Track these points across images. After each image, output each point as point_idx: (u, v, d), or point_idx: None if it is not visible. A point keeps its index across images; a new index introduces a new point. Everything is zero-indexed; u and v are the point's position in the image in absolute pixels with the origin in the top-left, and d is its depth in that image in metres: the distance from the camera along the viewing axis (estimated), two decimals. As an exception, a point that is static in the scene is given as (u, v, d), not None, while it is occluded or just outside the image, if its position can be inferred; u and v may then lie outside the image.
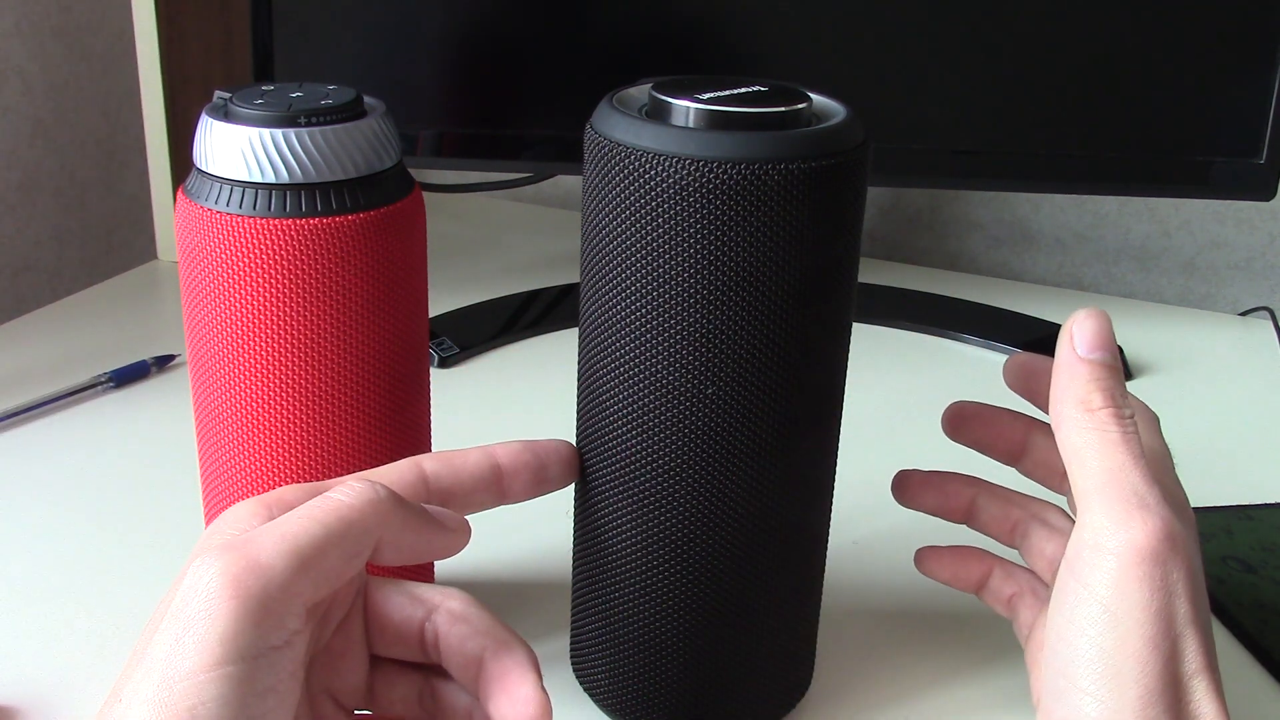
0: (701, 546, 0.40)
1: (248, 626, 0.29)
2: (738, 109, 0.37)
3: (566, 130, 0.67)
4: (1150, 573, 0.34)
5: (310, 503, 0.33)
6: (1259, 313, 0.88)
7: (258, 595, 0.30)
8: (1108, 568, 0.35)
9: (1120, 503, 0.35)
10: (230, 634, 0.29)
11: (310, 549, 0.31)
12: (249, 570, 0.30)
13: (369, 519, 0.33)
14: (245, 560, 0.30)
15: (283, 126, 0.40)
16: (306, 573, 0.31)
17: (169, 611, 0.30)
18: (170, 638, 0.29)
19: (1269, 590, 0.54)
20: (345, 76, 0.70)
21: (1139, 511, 0.35)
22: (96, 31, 0.90)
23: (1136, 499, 0.35)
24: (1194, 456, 0.68)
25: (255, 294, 0.40)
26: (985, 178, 0.78)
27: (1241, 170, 0.75)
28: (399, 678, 0.36)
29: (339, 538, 0.32)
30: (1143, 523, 0.35)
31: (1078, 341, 0.38)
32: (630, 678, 0.43)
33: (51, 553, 0.54)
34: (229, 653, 0.29)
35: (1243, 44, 0.73)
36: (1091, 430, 0.37)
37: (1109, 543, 0.35)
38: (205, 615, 0.29)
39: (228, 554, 0.30)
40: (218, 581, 0.30)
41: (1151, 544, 0.34)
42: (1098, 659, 0.34)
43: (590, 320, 0.40)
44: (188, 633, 0.29)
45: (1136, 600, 0.34)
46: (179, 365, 0.72)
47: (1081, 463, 0.37)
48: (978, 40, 0.73)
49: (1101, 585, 0.35)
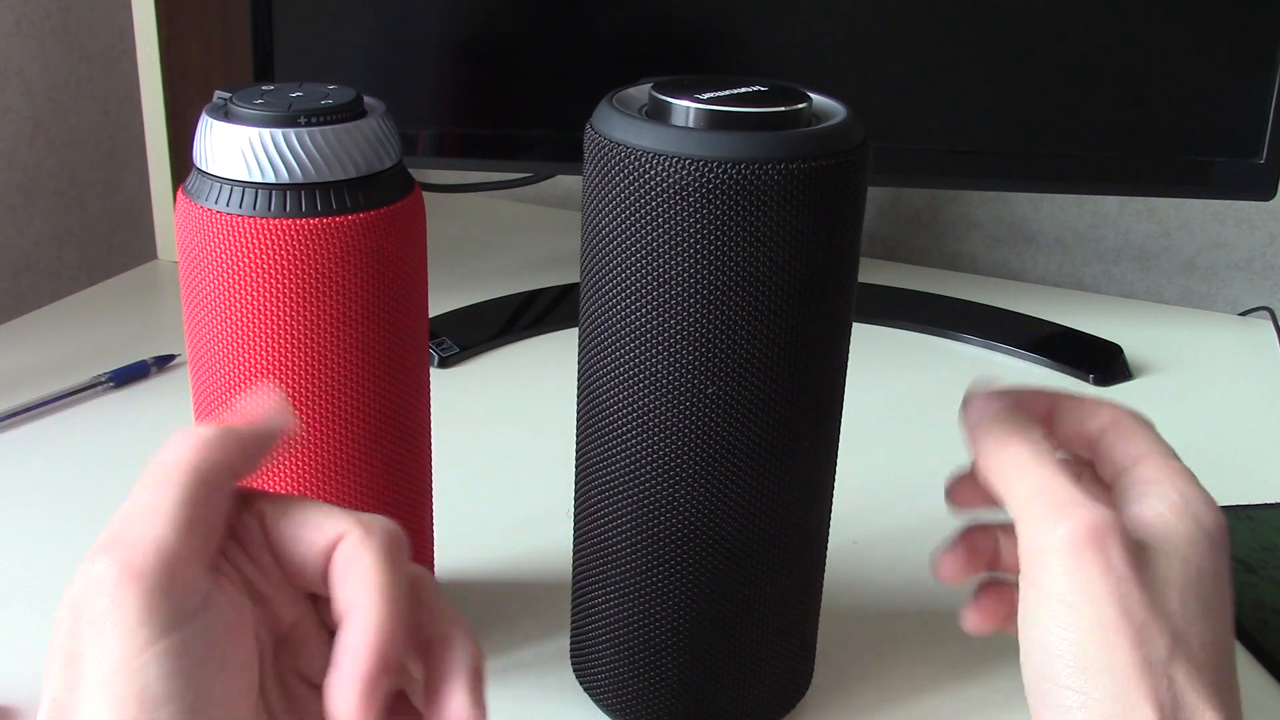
0: (701, 546, 0.40)
1: (157, 602, 0.30)
2: (738, 109, 0.37)
3: (566, 130, 0.67)
4: (1092, 559, 0.35)
5: (145, 476, 0.33)
6: (1259, 313, 0.88)
7: (154, 571, 0.30)
8: (1052, 565, 0.36)
9: (1049, 506, 0.37)
10: (144, 615, 0.29)
11: (180, 510, 0.31)
12: (135, 551, 0.30)
13: (209, 457, 0.33)
14: (129, 544, 0.31)
15: (283, 126, 0.40)
16: (189, 530, 0.31)
17: (80, 615, 0.30)
18: (92, 637, 0.30)
19: (1269, 590, 0.54)
20: (345, 76, 0.70)
21: (1068, 508, 0.36)
22: (96, 31, 0.90)
23: (1064, 499, 0.37)
24: (1194, 456, 0.68)
25: (255, 294, 0.40)
26: (985, 178, 0.78)
27: (1241, 170, 0.75)
28: None
29: (194, 491, 0.32)
30: (1072, 517, 0.36)
31: (977, 405, 0.41)
32: (630, 678, 0.43)
33: (51, 553, 0.54)
34: (151, 632, 0.29)
35: (1243, 44, 0.73)
36: (1011, 461, 0.39)
37: (1048, 543, 0.36)
38: (114, 606, 0.30)
39: (107, 549, 0.31)
40: (111, 573, 0.30)
41: (1085, 533, 0.36)
42: (1067, 652, 0.35)
43: (590, 320, 0.40)
44: (107, 627, 0.30)
45: (1086, 587, 0.35)
46: (179, 365, 0.72)
47: (1010, 490, 0.38)
48: (978, 40, 0.73)
49: (1051, 583, 0.36)
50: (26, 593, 0.51)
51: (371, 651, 0.30)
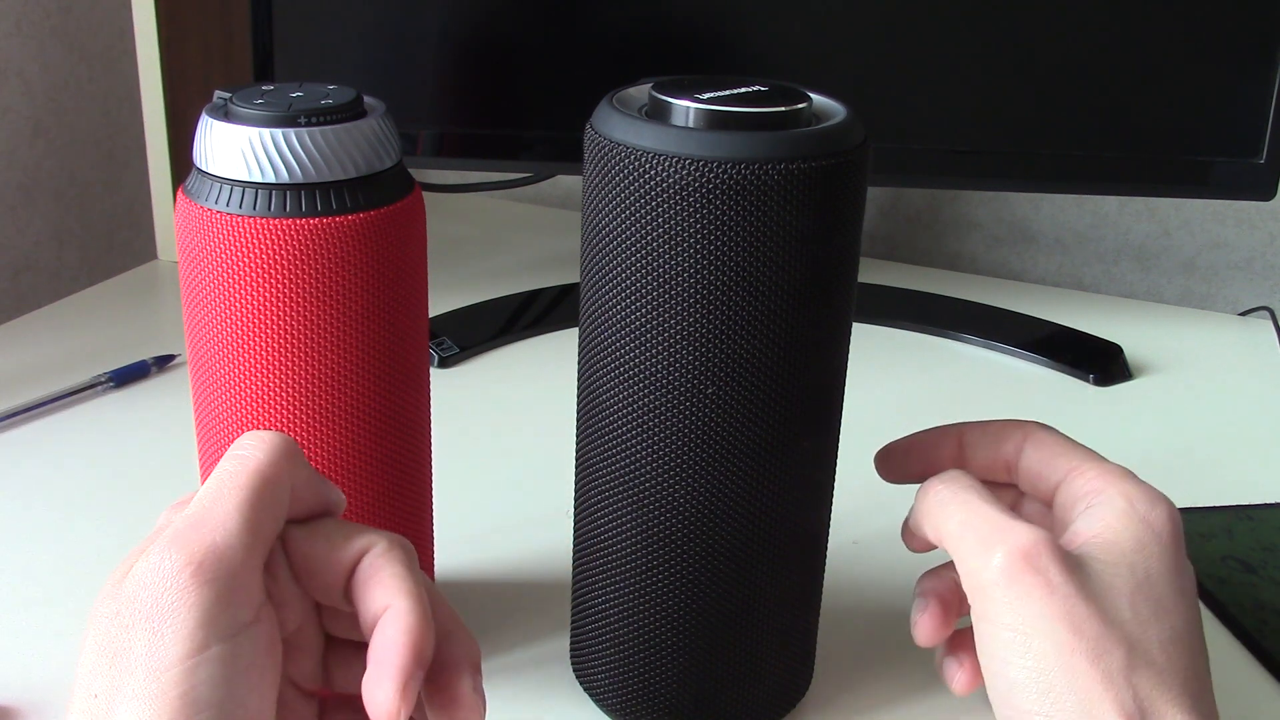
0: (701, 546, 0.40)
1: (222, 608, 0.30)
2: (738, 109, 0.37)
3: (566, 130, 0.67)
4: (1031, 583, 0.36)
5: (224, 470, 0.33)
6: (1259, 313, 0.88)
7: (225, 577, 0.30)
8: (995, 596, 0.36)
9: (979, 539, 0.37)
10: (207, 618, 0.30)
11: (251, 515, 0.32)
12: (211, 554, 0.30)
13: (282, 466, 0.33)
14: (201, 544, 0.31)
15: (283, 126, 0.40)
16: (258, 539, 0.32)
17: (137, 608, 0.30)
18: (146, 632, 0.30)
19: (1269, 590, 0.54)
20: (345, 76, 0.70)
21: (996, 535, 0.37)
22: (96, 31, 0.90)
23: (990, 528, 0.37)
24: (1194, 456, 0.68)
25: (255, 294, 0.40)
26: (985, 178, 0.78)
27: (1241, 170, 0.75)
28: (354, 658, 0.36)
29: (266, 495, 0.32)
30: (1003, 543, 0.36)
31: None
32: (630, 678, 0.43)
33: (51, 553, 0.54)
34: (209, 636, 0.30)
35: (1243, 44, 0.73)
36: (933, 504, 0.40)
37: (985, 575, 0.36)
38: (180, 605, 0.30)
39: (177, 546, 0.31)
40: (186, 571, 0.30)
41: (1018, 558, 0.36)
42: (1028, 680, 0.35)
43: (590, 320, 0.40)
44: (166, 624, 0.30)
45: (1032, 613, 0.35)
46: (179, 365, 0.72)
47: (939, 532, 0.39)
48: (978, 40, 0.73)
49: (998, 615, 0.36)
50: (27, 593, 0.51)
51: (408, 649, 0.31)
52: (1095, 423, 0.71)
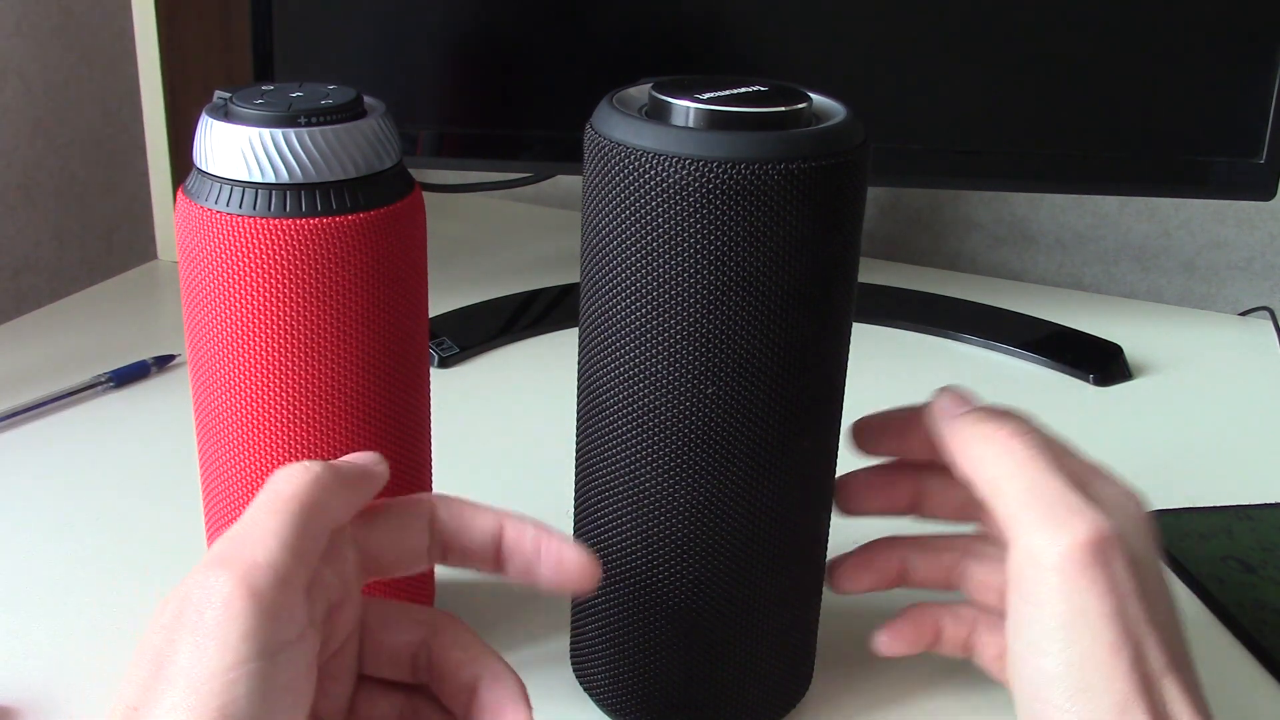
0: (701, 546, 0.40)
1: (265, 622, 0.31)
2: (737, 109, 0.37)
3: (566, 130, 0.67)
4: (1095, 578, 0.34)
5: (261, 501, 0.34)
6: (1259, 313, 0.88)
7: (268, 592, 0.31)
8: (1051, 583, 0.35)
9: (1047, 515, 0.35)
10: (250, 631, 0.30)
11: (293, 538, 0.33)
12: (254, 570, 0.31)
13: (319, 495, 0.34)
14: (248, 563, 0.32)
15: (283, 126, 0.40)
16: (299, 561, 0.33)
17: (181, 624, 0.31)
18: (190, 646, 0.31)
19: (1269, 590, 0.54)
20: (345, 76, 0.70)
21: (1067, 519, 0.35)
22: (96, 31, 0.90)
23: (1062, 507, 0.35)
24: (1194, 456, 0.68)
25: (255, 294, 0.40)
26: (985, 178, 0.78)
27: (1241, 170, 0.75)
28: (381, 697, 0.37)
29: (305, 521, 0.33)
30: (1073, 530, 0.35)
31: (947, 402, 0.40)
32: (630, 678, 0.43)
33: (51, 553, 0.54)
34: (251, 650, 0.30)
35: (1243, 44, 0.73)
36: (999, 455, 0.37)
37: (1046, 558, 0.35)
38: (224, 618, 0.31)
39: (229, 561, 0.32)
40: (230, 586, 0.31)
41: (1088, 548, 0.34)
42: (1065, 675, 0.34)
43: (590, 320, 0.40)
44: (209, 638, 0.30)
45: (1087, 608, 0.34)
46: (179, 365, 0.72)
47: (998, 489, 0.37)
48: (978, 40, 0.73)
49: (1050, 601, 0.35)
50: (27, 593, 0.51)
51: (527, 702, 0.35)
52: (1095, 423, 0.71)
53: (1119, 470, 0.41)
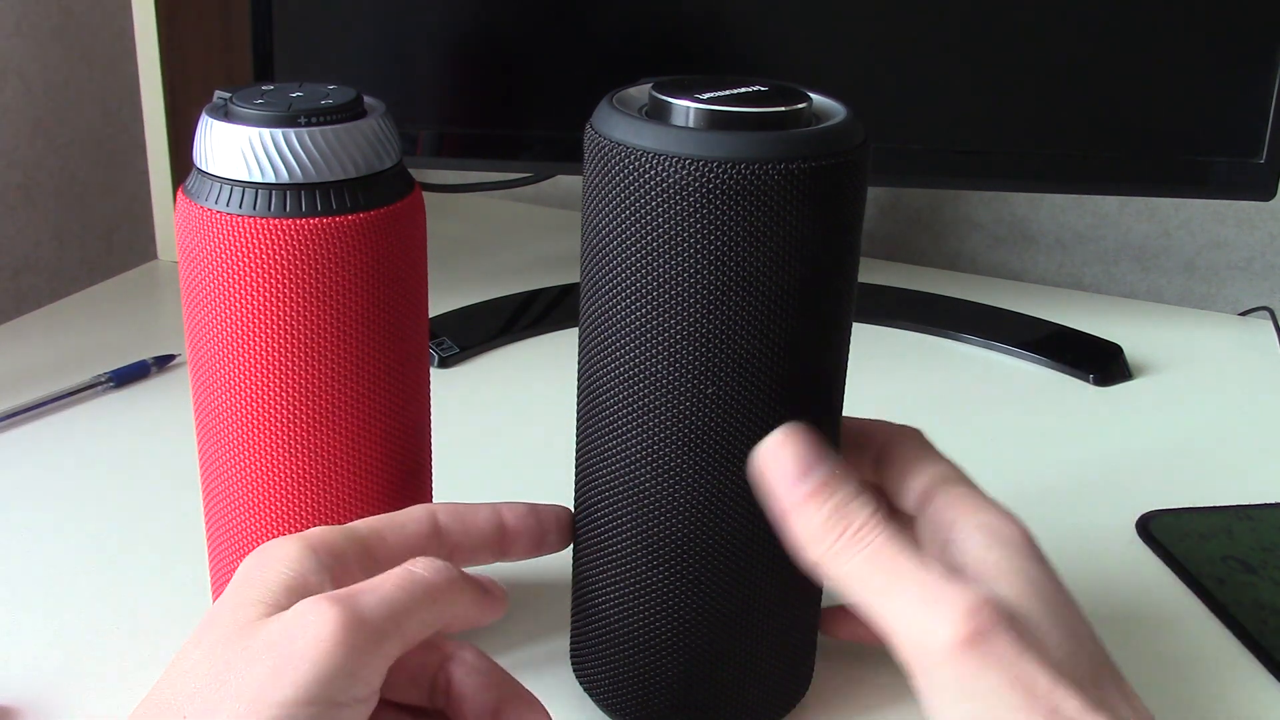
0: (701, 546, 0.40)
1: (344, 675, 0.31)
2: (738, 109, 0.37)
3: (566, 130, 0.67)
4: (983, 655, 0.33)
5: (398, 574, 0.35)
6: (1259, 313, 0.88)
7: (360, 649, 0.32)
8: (945, 675, 0.33)
9: (915, 607, 0.34)
10: (328, 677, 0.31)
11: (405, 617, 0.34)
12: (358, 625, 0.32)
13: (447, 596, 0.35)
14: (355, 615, 0.32)
15: (283, 126, 0.40)
16: (399, 638, 0.33)
17: (268, 643, 0.32)
18: (268, 669, 0.31)
19: (1269, 590, 0.54)
20: (345, 76, 0.70)
21: (937, 604, 0.33)
22: (96, 31, 0.90)
23: (929, 594, 0.34)
24: (1194, 456, 0.68)
25: (255, 294, 0.40)
26: (985, 178, 0.78)
27: (1241, 170, 0.75)
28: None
29: (423, 610, 0.34)
30: (946, 615, 0.33)
31: (781, 479, 0.37)
32: (630, 678, 0.43)
33: (51, 553, 0.54)
34: (322, 694, 0.31)
35: (1243, 44, 0.73)
36: (847, 560, 0.35)
37: (930, 654, 0.33)
38: (312, 655, 0.31)
39: (340, 605, 0.32)
40: (331, 627, 0.32)
41: (965, 632, 0.33)
42: None
43: (590, 320, 0.40)
44: (289, 666, 0.31)
45: (985, 687, 0.33)
46: (179, 365, 0.72)
47: (860, 593, 0.35)
48: (978, 40, 0.73)
49: (948, 689, 0.33)
50: (26, 593, 0.51)
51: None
52: (1095, 423, 0.71)
53: (1119, 470, 0.41)
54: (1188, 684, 0.49)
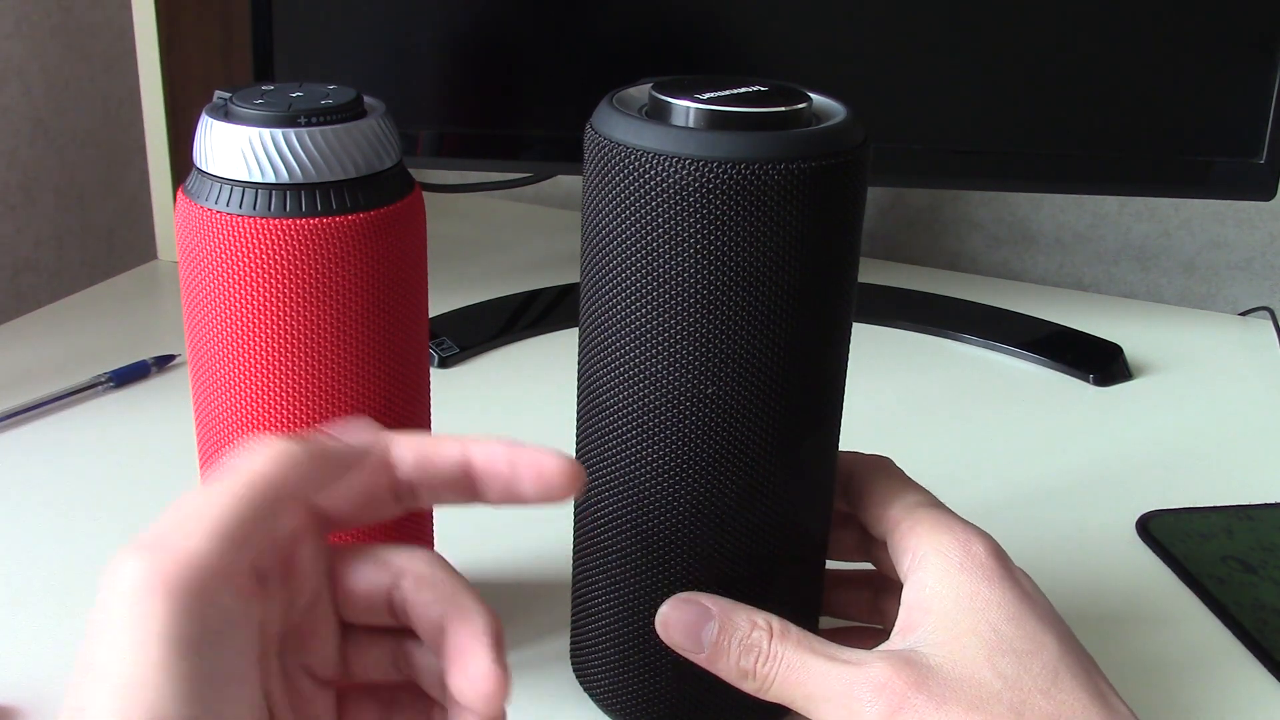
0: (701, 546, 0.40)
1: (181, 618, 0.28)
2: (738, 109, 0.37)
3: (566, 130, 0.67)
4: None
5: (221, 476, 0.32)
6: (1259, 313, 0.88)
7: (184, 584, 0.29)
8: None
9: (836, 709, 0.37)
10: (165, 631, 0.28)
11: (233, 524, 0.30)
12: (171, 563, 0.29)
13: (287, 480, 0.32)
14: (167, 553, 0.29)
15: (283, 126, 0.40)
16: (235, 549, 0.30)
17: (98, 621, 0.29)
18: (106, 645, 0.28)
19: (1269, 590, 0.54)
20: (345, 76, 0.70)
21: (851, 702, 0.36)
22: (96, 31, 0.90)
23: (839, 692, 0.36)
24: (1194, 456, 0.68)
25: (255, 294, 0.40)
26: (985, 178, 0.78)
27: (1241, 170, 0.75)
28: (370, 644, 0.35)
29: (258, 507, 0.31)
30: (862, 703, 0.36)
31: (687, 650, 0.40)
32: (630, 677, 0.43)
33: (51, 553, 0.54)
34: (169, 651, 0.28)
35: (1243, 44, 0.73)
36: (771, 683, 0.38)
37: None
38: (134, 616, 0.28)
39: (142, 551, 0.29)
40: (138, 577, 0.29)
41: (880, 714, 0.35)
42: None
43: (590, 320, 0.40)
44: (122, 635, 0.28)
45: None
46: (179, 365, 0.72)
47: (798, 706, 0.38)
48: (978, 40, 0.73)
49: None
50: (26, 593, 0.51)
51: (494, 639, 0.33)
52: (1095, 423, 0.71)
53: (1119, 470, 0.41)
54: (1188, 684, 0.49)
